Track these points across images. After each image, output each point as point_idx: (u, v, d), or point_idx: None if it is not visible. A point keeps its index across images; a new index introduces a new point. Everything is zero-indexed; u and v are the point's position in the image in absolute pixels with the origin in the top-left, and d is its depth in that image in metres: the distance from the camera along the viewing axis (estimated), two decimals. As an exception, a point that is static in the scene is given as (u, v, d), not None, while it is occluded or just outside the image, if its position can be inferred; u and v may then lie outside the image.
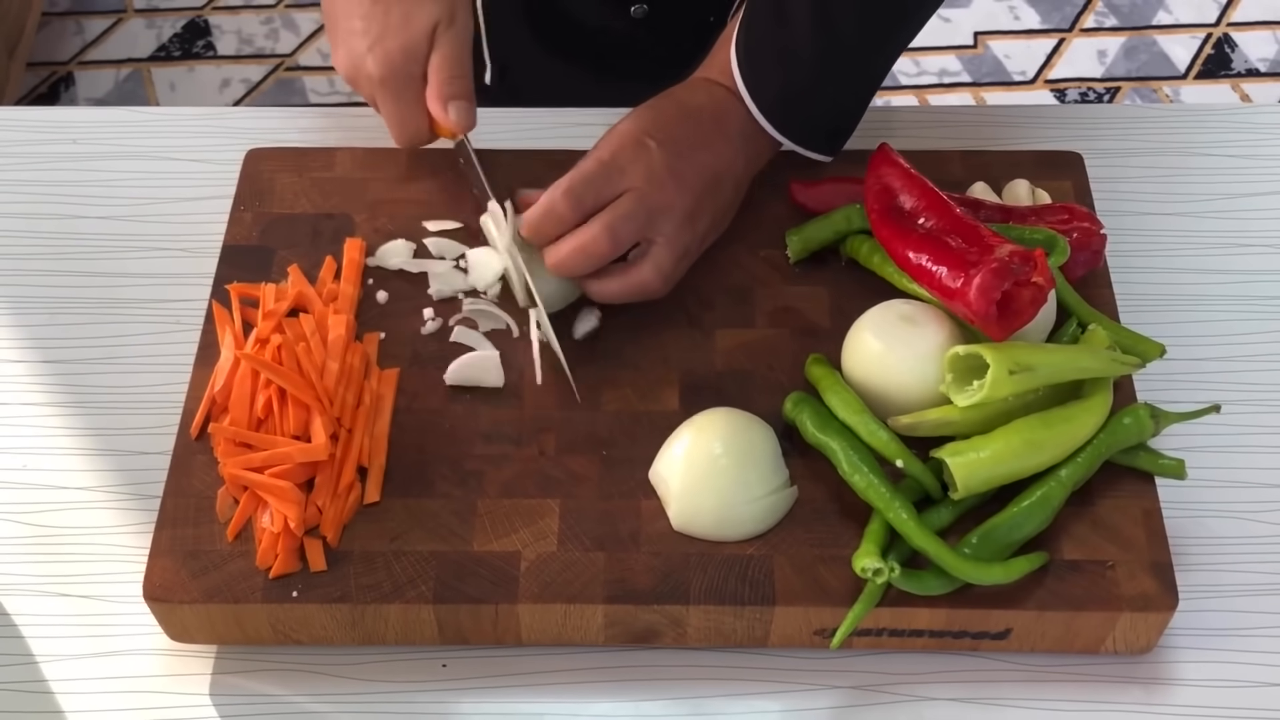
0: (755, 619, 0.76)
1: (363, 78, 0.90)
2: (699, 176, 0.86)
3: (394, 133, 0.91)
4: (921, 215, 0.84)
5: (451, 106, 0.88)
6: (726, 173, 0.88)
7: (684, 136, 0.87)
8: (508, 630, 0.77)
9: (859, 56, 0.90)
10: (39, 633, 0.80)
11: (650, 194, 0.84)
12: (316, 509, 0.77)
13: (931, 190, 0.84)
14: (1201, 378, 0.90)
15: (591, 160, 0.85)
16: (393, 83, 0.88)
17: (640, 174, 0.84)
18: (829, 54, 0.88)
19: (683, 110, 0.89)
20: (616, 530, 0.78)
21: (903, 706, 0.77)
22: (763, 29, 0.88)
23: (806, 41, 0.87)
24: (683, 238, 0.85)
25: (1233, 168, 1.01)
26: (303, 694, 0.78)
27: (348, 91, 2.35)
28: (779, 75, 0.88)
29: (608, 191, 0.84)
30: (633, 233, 0.83)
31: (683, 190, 0.85)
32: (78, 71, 2.38)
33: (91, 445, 0.87)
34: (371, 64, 0.88)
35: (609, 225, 0.83)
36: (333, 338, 0.83)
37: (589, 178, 0.83)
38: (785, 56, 0.88)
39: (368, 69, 0.89)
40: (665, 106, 0.89)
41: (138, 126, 1.03)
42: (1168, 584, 0.76)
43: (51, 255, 0.96)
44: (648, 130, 0.86)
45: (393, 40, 0.88)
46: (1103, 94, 2.34)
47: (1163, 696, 0.78)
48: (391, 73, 0.88)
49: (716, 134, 0.88)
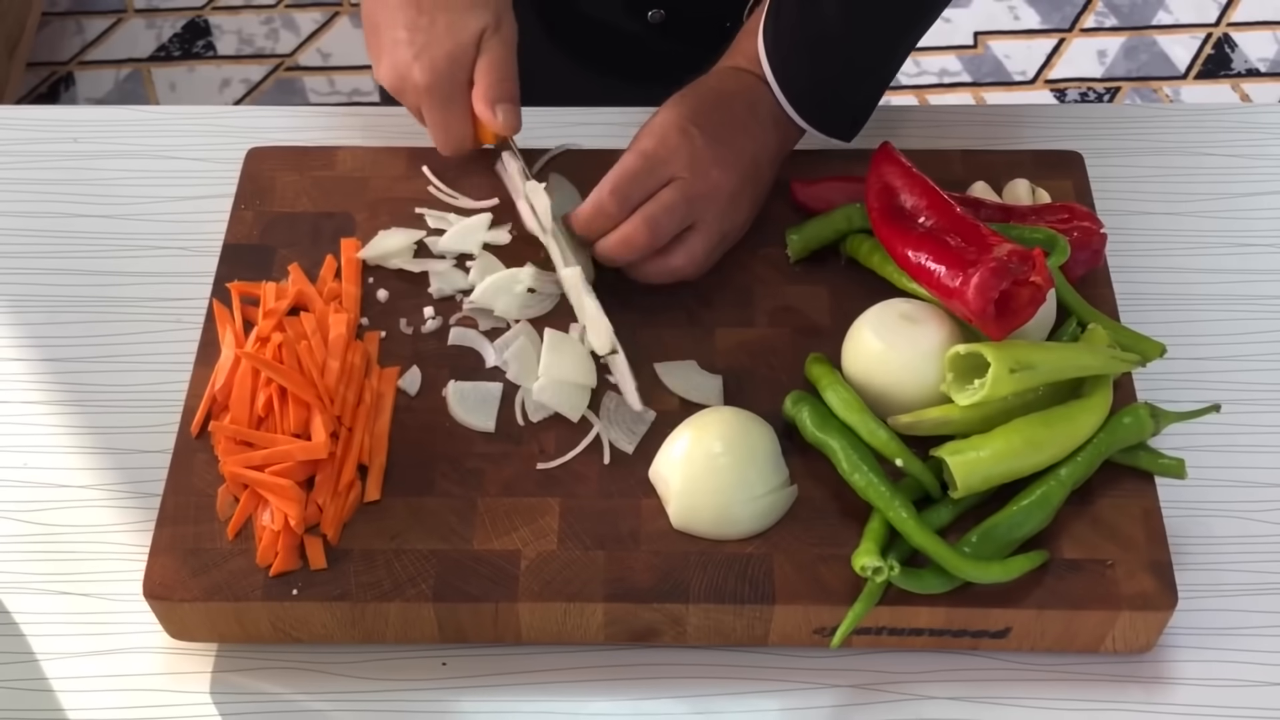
0: (755, 618, 0.76)
1: (409, 87, 0.89)
2: (740, 161, 0.87)
3: (438, 140, 0.91)
4: (922, 214, 0.84)
5: (499, 109, 0.88)
6: (764, 157, 0.89)
7: (723, 122, 0.88)
8: (508, 629, 0.78)
9: (885, 43, 0.91)
10: (39, 630, 0.80)
11: (693, 182, 0.85)
12: (317, 507, 0.77)
13: (932, 189, 0.84)
14: (1201, 378, 0.90)
15: (634, 154, 0.86)
16: (440, 90, 0.88)
17: (684, 162, 0.85)
18: (856, 42, 0.89)
19: (718, 97, 0.90)
20: (616, 529, 0.78)
21: (903, 706, 0.77)
22: (790, 18, 0.89)
23: (835, 30, 0.88)
24: (722, 224, 0.87)
25: (1233, 168, 1.01)
26: (303, 692, 0.78)
27: (348, 91, 2.35)
28: (807, 65, 0.89)
29: (653, 183, 0.85)
30: (673, 225, 0.85)
31: (727, 174, 0.86)
32: (78, 71, 2.38)
33: (92, 444, 0.87)
34: (418, 72, 0.88)
35: (649, 218, 0.84)
36: (334, 336, 0.83)
37: (633, 173, 0.85)
38: (813, 46, 0.88)
39: (414, 78, 0.88)
40: (701, 94, 0.90)
41: (138, 126, 1.03)
42: (1167, 583, 0.76)
43: (51, 255, 0.96)
44: (688, 118, 0.87)
45: (439, 48, 0.88)
46: (1103, 94, 2.35)
47: (1163, 696, 0.78)
48: (438, 80, 0.88)
49: (751, 119, 0.89)
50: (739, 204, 0.87)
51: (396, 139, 0.99)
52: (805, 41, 0.89)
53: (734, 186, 0.87)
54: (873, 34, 0.90)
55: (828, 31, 0.88)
